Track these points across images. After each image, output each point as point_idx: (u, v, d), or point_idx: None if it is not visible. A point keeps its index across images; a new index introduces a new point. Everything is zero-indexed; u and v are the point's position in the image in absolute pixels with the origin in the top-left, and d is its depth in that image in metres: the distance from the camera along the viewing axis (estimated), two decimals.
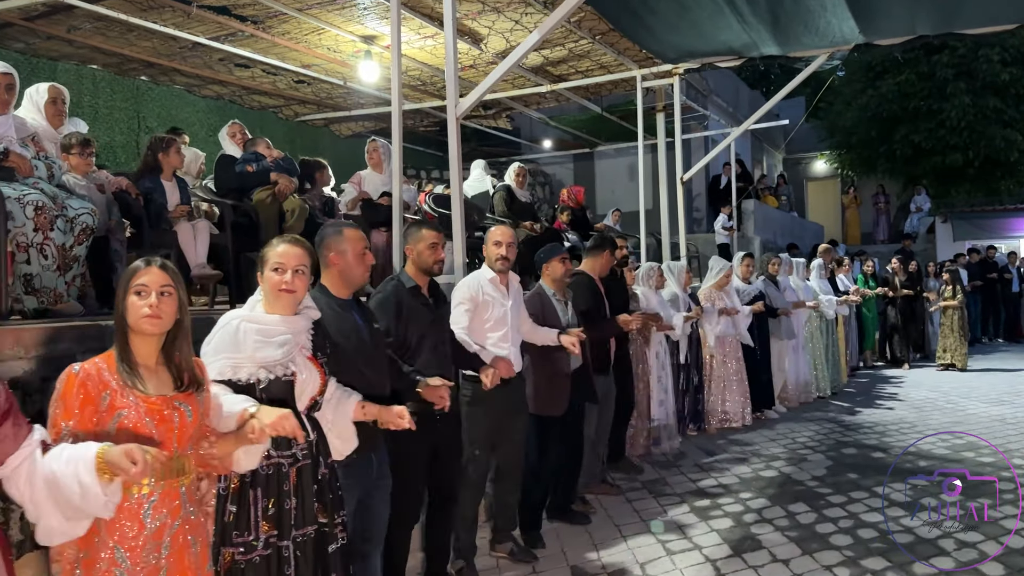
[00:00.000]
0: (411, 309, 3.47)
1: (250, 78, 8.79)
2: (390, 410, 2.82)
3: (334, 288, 3.00)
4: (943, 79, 16.97)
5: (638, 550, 4.40)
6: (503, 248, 4.10)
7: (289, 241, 2.58)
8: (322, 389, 2.61)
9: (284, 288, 2.49)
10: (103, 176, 4.58)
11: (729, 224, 13.34)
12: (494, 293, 4.08)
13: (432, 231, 3.59)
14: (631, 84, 9.00)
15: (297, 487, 2.49)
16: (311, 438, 2.55)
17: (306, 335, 2.60)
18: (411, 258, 3.59)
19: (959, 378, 10.33)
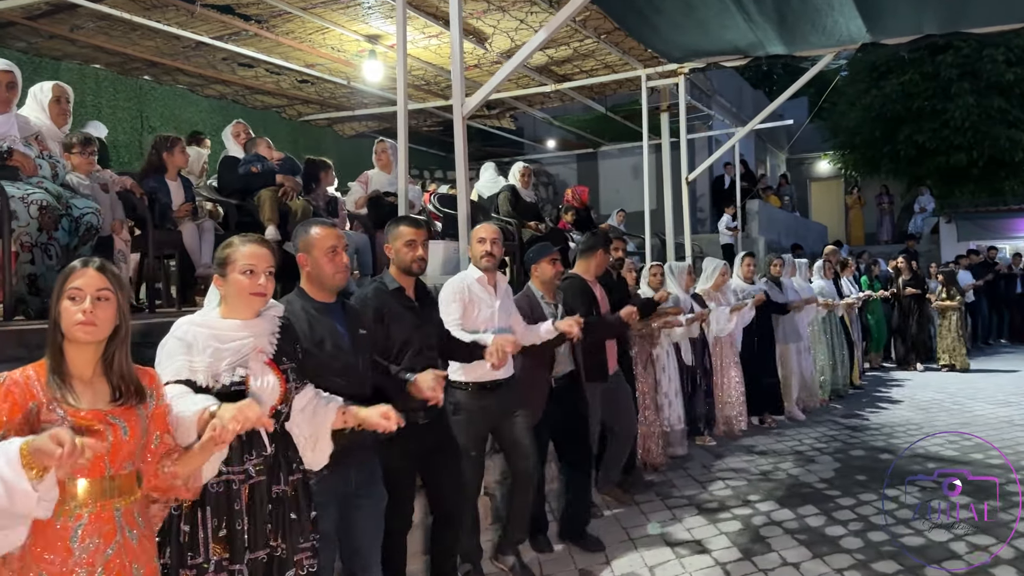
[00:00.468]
0: (393, 312, 3.26)
1: (253, 78, 8.75)
2: (373, 411, 2.55)
3: (311, 290, 2.82)
4: (947, 79, 16.91)
5: (647, 554, 4.36)
6: (487, 244, 3.86)
7: (256, 241, 2.41)
8: (283, 398, 2.37)
9: (257, 292, 2.33)
10: (107, 175, 4.55)
11: (733, 224, 13.30)
12: (481, 294, 3.86)
13: (410, 227, 3.34)
14: (636, 84, 8.94)
15: (249, 507, 2.27)
16: (267, 452, 2.33)
17: (268, 338, 2.39)
18: (391, 257, 3.37)
19: (964, 379, 10.27)
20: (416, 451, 3.29)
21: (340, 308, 2.89)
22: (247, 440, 2.27)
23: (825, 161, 22.44)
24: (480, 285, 3.87)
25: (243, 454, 2.27)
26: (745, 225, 14.14)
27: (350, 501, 2.82)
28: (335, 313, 2.84)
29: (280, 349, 2.42)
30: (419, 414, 3.21)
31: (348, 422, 2.55)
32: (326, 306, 2.81)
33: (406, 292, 3.34)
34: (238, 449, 2.26)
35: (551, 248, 4.48)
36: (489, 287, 3.90)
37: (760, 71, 23.25)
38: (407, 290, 3.35)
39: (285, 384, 2.38)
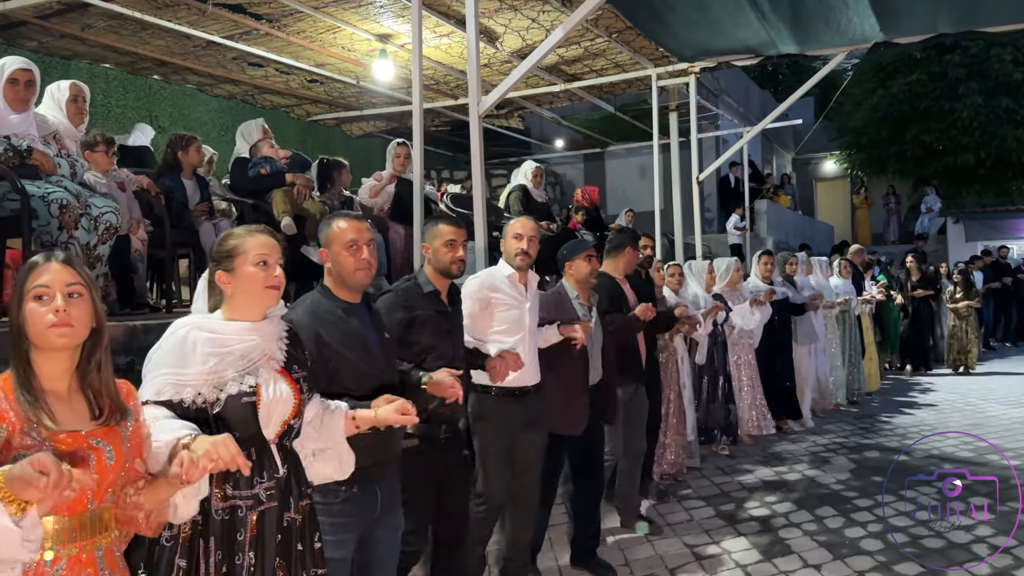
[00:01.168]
0: (424, 315, 3.05)
1: (263, 77, 8.73)
2: (387, 408, 2.31)
3: (335, 289, 2.60)
4: (955, 79, 16.88)
5: (666, 555, 4.33)
6: (524, 242, 3.58)
7: (264, 231, 2.19)
8: (296, 410, 2.13)
9: (273, 284, 2.11)
10: (124, 174, 4.53)
11: (741, 224, 13.28)
12: (511, 292, 3.57)
13: (450, 226, 3.17)
14: (645, 83, 8.92)
15: (256, 538, 2.01)
16: (280, 474, 2.07)
17: (276, 343, 2.15)
18: (427, 257, 3.18)
19: (976, 381, 10.23)
20: (436, 468, 3.09)
21: (366, 309, 2.68)
22: (258, 460, 2.03)
23: (831, 161, 22.39)
24: (511, 283, 3.60)
25: (253, 476, 2.00)
26: (753, 225, 14.11)
27: (372, 526, 2.58)
28: (362, 314, 2.63)
29: (291, 356, 2.18)
30: (440, 428, 3.04)
31: (360, 426, 2.31)
32: (352, 306, 2.60)
33: (440, 296, 3.15)
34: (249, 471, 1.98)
35: (587, 244, 4.17)
36: (520, 285, 3.63)
37: (766, 71, 23.20)
38: (442, 293, 3.16)
39: (299, 395, 2.14)
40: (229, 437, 1.76)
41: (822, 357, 8.21)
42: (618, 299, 4.57)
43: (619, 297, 4.60)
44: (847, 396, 8.71)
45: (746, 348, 7.02)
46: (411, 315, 3.02)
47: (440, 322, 3.11)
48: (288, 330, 2.22)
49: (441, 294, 3.16)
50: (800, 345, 7.78)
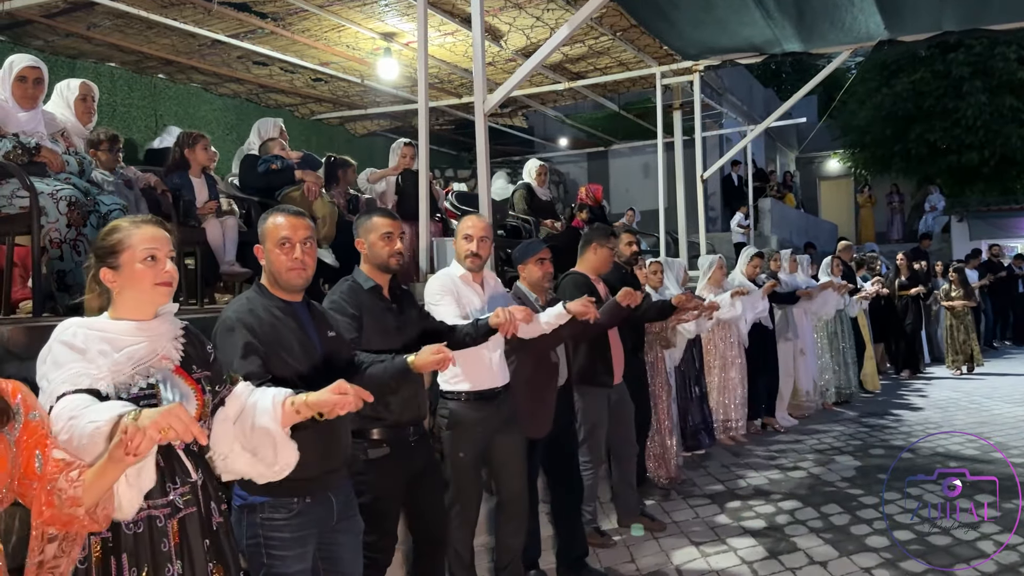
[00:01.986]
0: (371, 313, 2.91)
1: (267, 76, 8.74)
2: (322, 392, 2.05)
3: (270, 286, 2.47)
4: (959, 77, 16.84)
5: (672, 552, 4.34)
6: (474, 243, 3.42)
7: (152, 222, 2.02)
8: (200, 411, 1.97)
9: (164, 281, 1.95)
10: (131, 172, 4.55)
11: (746, 223, 13.27)
12: (468, 293, 3.48)
13: (385, 218, 3.00)
14: (650, 81, 8.92)
15: (181, 546, 1.88)
16: (193, 478, 1.94)
17: (171, 342, 2.00)
18: (363, 253, 3.01)
19: (981, 379, 10.22)
20: (405, 474, 3.00)
21: (306, 308, 2.55)
22: (167, 465, 1.89)
23: (835, 160, 22.37)
24: (464, 283, 3.49)
25: (164, 483, 1.86)
26: (757, 224, 14.11)
27: (331, 534, 2.49)
28: (301, 314, 2.50)
29: (187, 355, 2.03)
30: (408, 430, 2.97)
31: (302, 412, 2.07)
32: (290, 305, 2.47)
33: (383, 291, 3.01)
34: (158, 477, 1.83)
35: (540, 246, 3.95)
36: (475, 285, 3.52)
37: (769, 69, 23.17)
38: (383, 289, 3.02)
39: (202, 395, 1.98)
40: (180, 405, 1.60)
41: (808, 357, 8.08)
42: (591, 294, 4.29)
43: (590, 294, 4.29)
44: (837, 396, 8.61)
45: (735, 346, 6.88)
46: (359, 313, 2.89)
47: (387, 319, 2.97)
48: (184, 328, 2.07)
49: (383, 289, 3.01)
50: (785, 343, 7.71)
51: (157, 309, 1.98)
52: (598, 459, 4.50)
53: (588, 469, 4.39)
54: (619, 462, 4.73)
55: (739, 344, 6.91)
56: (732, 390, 6.86)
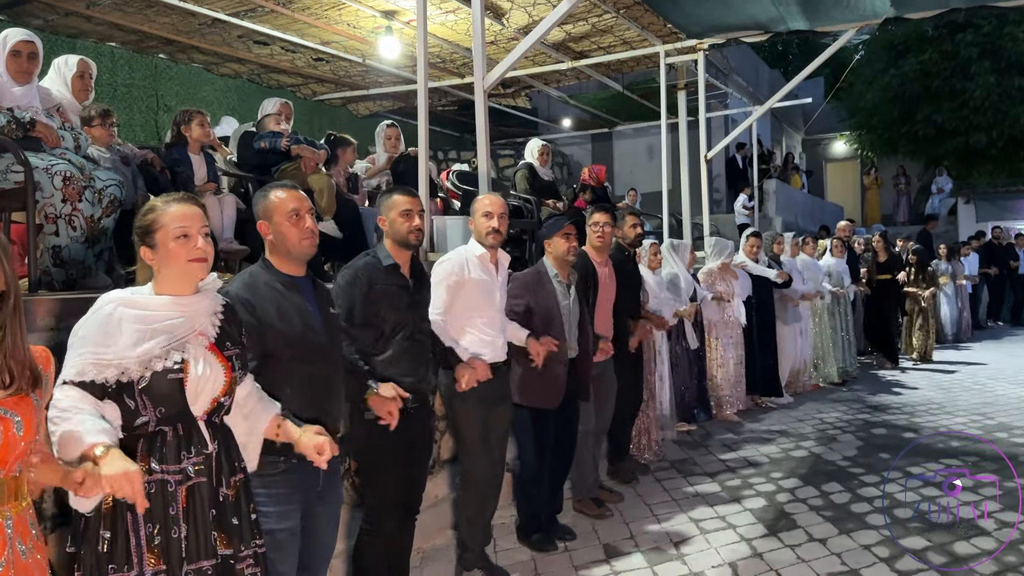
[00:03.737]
0: (386, 290, 2.99)
1: (268, 56, 8.70)
2: (309, 437, 2.25)
3: (276, 262, 2.51)
4: (967, 58, 16.69)
5: (671, 529, 4.33)
6: (495, 220, 3.55)
7: (183, 199, 2.08)
8: (228, 388, 2.08)
9: (197, 257, 2.02)
10: (128, 149, 4.53)
11: (750, 204, 13.21)
12: (482, 272, 3.57)
13: (405, 195, 3.09)
14: (653, 60, 8.86)
15: (188, 512, 1.97)
16: (209, 450, 2.04)
17: (209, 318, 2.09)
18: (385, 230, 3.09)
19: (984, 360, 10.16)
20: (402, 440, 3.01)
21: (310, 283, 2.60)
22: (185, 435, 2.00)
23: (841, 142, 22.25)
24: (481, 263, 3.58)
25: (180, 451, 1.98)
26: (762, 205, 14.04)
27: (314, 500, 2.54)
28: (304, 289, 2.55)
29: (223, 332, 2.12)
30: (408, 400, 2.96)
31: (280, 436, 2.27)
32: (294, 280, 2.52)
33: (401, 269, 3.07)
34: (174, 445, 1.98)
35: (564, 221, 4.10)
36: (491, 266, 3.62)
37: (776, 50, 23.02)
38: (403, 266, 3.08)
39: (231, 372, 2.09)
40: (138, 472, 1.71)
41: (803, 337, 8.15)
42: (583, 280, 4.35)
43: (590, 277, 4.47)
44: (839, 375, 8.64)
45: (734, 325, 7.01)
46: (371, 290, 2.96)
47: (401, 297, 3.04)
48: (225, 305, 2.18)
49: (402, 267, 3.07)
50: (785, 325, 7.79)
51: (198, 284, 2.09)
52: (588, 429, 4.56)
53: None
54: (592, 438, 4.63)
55: (736, 322, 7.01)
56: (729, 367, 6.96)
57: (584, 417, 4.38)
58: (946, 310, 12.03)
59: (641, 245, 5.59)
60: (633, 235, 5.13)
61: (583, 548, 4.12)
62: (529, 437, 3.99)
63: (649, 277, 5.75)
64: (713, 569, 3.79)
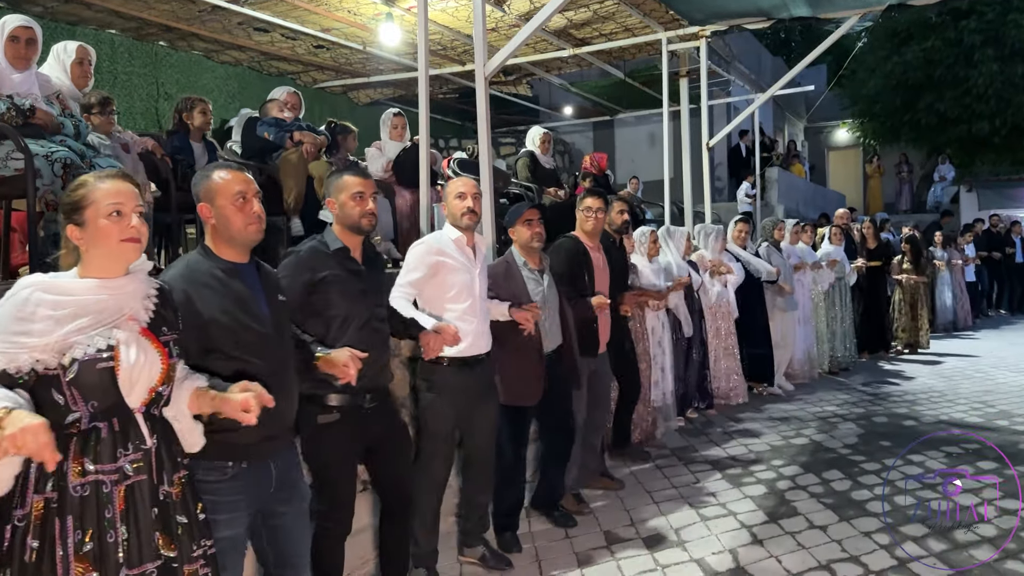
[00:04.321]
0: (333, 277, 2.80)
1: (269, 43, 8.67)
2: (234, 397, 2.06)
3: (218, 247, 2.34)
4: (970, 45, 16.56)
5: (672, 516, 4.35)
6: (469, 200, 3.43)
7: (117, 176, 1.95)
8: (165, 376, 1.94)
9: (130, 237, 1.89)
10: (128, 136, 4.51)
11: (752, 192, 13.18)
12: (459, 257, 3.43)
13: (357, 176, 2.90)
14: (655, 47, 8.82)
15: (127, 513, 1.84)
16: (148, 445, 1.90)
17: (141, 301, 1.95)
18: (334, 213, 2.90)
19: (986, 347, 10.16)
20: (360, 441, 2.89)
21: (254, 270, 2.41)
22: (121, 430, 1.86)
23: (844, 130, 22.18)
24: (457, 247, 3.45)
25: (116, 448, 1.84)
26: (764, 193, 14.01)
27: (271, 502, 2.40)
28: (248, 276, 2.37)
29: (158, 316, 1.98)
30: (363, 397, 2.85)
31: (203, 408, 2.08)
32: (236, 267, 2.34)
33: (351, 253, 2.89)
34: (110, 442, 1.84)
35: (526, 207, 3.95)
36: (467, 249, 3.49)
37: (779, 37, 22.92)
38: (353, 251, 2.90)
39: (168, 359, 1.95)
40: (43, 426, 1.59)
41: (806, 325, 8.02)
42: (578, 266, 4.34)
43: (579, 264, 4.36)
44: (830, 365, 8.49)
45: (726, 316, 6.90)
46: (316, 277, 2.78)
47: (352, 283, 2.86)
48: (159, 288, 2.04)
49: (351, 251, 2.90)
50: (783, 312, 7.58)
51: (129, 267, 1.95)
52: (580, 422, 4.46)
53: None
54: (586, 432, 4.52)
55: (727, 315, 6.90)
56: (724, 358, 6.86)
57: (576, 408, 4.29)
58: (944, 298, 11.93)
59: (627, 231, 5.44)
60: (620, 221, 5.05)
61: (584, 534, 4.13)
62: (508, 435, 3.82)
63: (644, 265, 5.74)
64: (713, 556, 3.81)
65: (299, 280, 2.75)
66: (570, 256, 4.36)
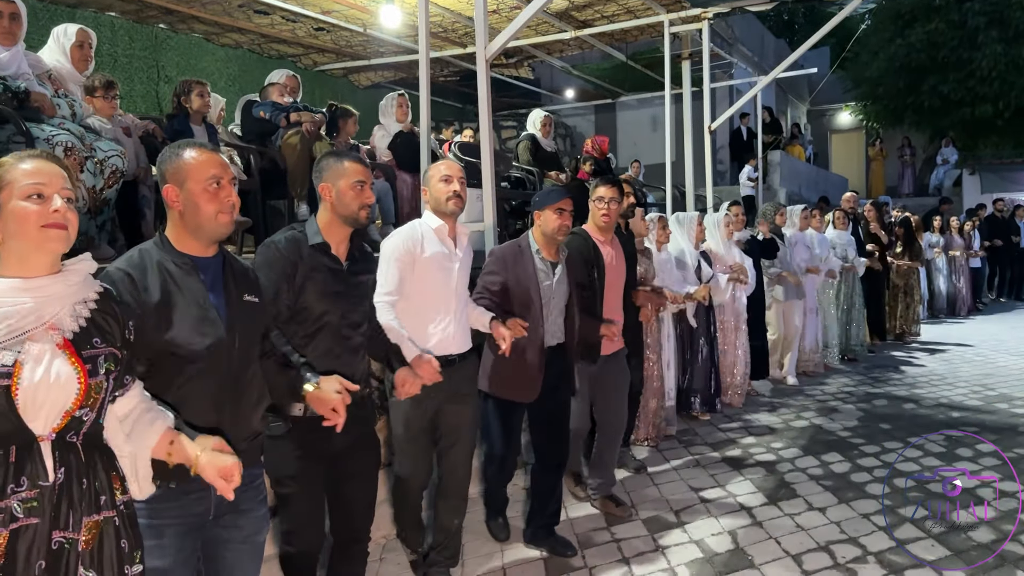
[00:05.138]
0: (311, 273, 2.49)
1: (269, 26, 8.63)
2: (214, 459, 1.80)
3: (178, 238, 2.02)
4: (974, 27, 16.47)
5: (671, 497, 4.38)
6: (455, 183, 3.08)
7: (42, 156, 1.65)
8: (83, 398, 1.59)
9: (54, 223, 1.58)
10: (129, 119, 4.51)
11: (754, 176, 13.15)
12: (439, 247, 3.10)
13: (358, 164, 2.59)
14: (657, 30, 8.78)
15: (7, 565, 1.48)
16: (48, 481, 1.54)
17: (69, 307, 1.62)
18: (327, 200, 2.57)
19: (987, 331, 10.18)
20: (319, 455, 2.57)
21: (219, 265, 2.09)
22: (17, 461, 1.52)
23: (846, 112, 22.09)
24: (438, 237, 3.11)
25: (6, 482, 1.50)
26: (766, 177, 13.97)
27: (212, 531, 2.08)
28: (210, 272, 2.05)
29: (91, 325, 1.65)
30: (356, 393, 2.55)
31: (173, 456, 1.82)
32: (195, 262, 2.02)
33: (331, 249, 2.57)
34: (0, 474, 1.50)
35: (563, 194, 3.55)
36: (449, 240, 3.15)
37: (782, 20, 22.78)
38: (335, 245, 2.58)
39: (88, 378, 1.59)
40: None
41: (813, 315, 7.69)
42: (586, 264, 3.90)
43: (587, 261, 3.91)
44: (840, 354, 8.21)
45: (737, 312, 6.50)
46: (293, 273, 2.47)
47: (330, 282, 2.54)
48: (101, 292, 1.72)
49: (334, 247, 2.58)
50: (786, 302, 7.26)
51: (60, 263, 1.64)
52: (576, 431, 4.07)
53: None
54: (604, 436, 4.23)
55: (738, 313, 6.50)
56: (735, 354, 6.47)
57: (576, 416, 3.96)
58: (937, 284, 11.80)
59: (633, 215, 5.05)
60: (626, 205, 4.68)
61: (584, 515, 4.17)
62: (498, 429, 3.61)
63: (656, 255, 5.33)
64: (713, 537, 3.83)
65: (271, 275, 2.44)
66: (584, 254, 3.89)
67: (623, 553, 3.71)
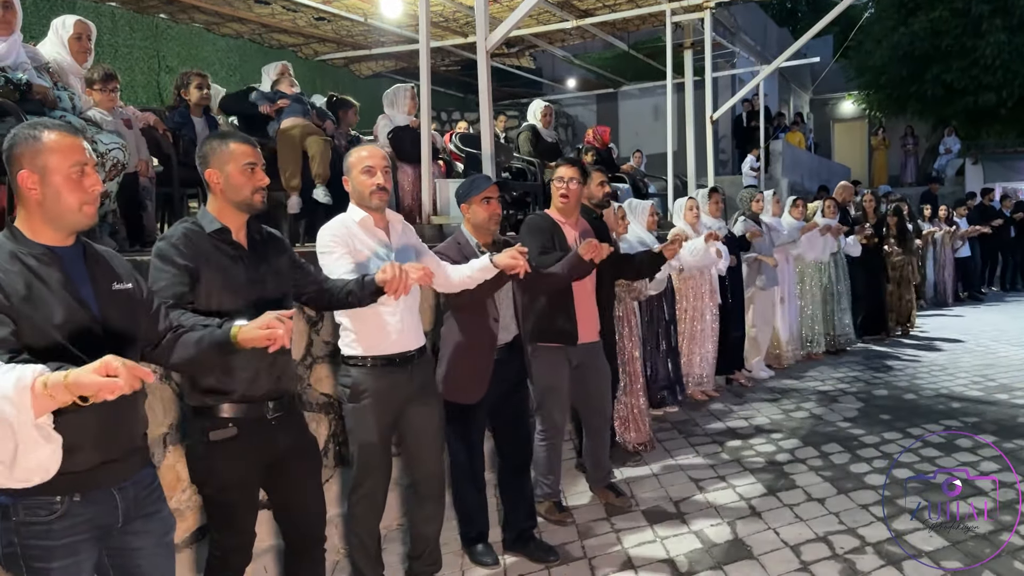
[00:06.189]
0: (212, 263, 2.33)
1: (269, 15, 8.61)
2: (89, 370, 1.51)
3: (32, 228, 1.86)
4: (978, 16, 16.39)
5: (671, 488, 4.40)
6: (378, 175, 2.86)
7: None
8: None
9: None
10: (130, 112, 4.51)
11: (757, 165, 13.13)
12: (370, 240, 2.89)
13: (246, 145, 2.41)
14: (659, 19, 8.75)
15: None
16: None
17: None
18: (216, 186, 2.40)
19: (987, 321, 10.18)
20: (261, 458, 2.45)
21: (79, 254, 1.93)
22: None
23: (849, 101, 22.03)
24: (365, 230, 2.90)
25: None
26: (768, 166, 13.94)
27: (121, 538, 1.97)
28: (70, 262, 1.89)
29: None
30: (267, 406, 2.43)
31: (57, 395, 1.52)
32: (54, 252, 1.86)
33: (231, 235, 2.40)
34: None
35: (486, 183, 3.39)
36: (378, 231, 2.93)
37: (785, 9, 22.69)
38: (235, 232, 2.42)
39: None
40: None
41: (791, 304, 7.48)
42: (550, 237, 3.80)
43: (551, 235, 3.81)
44: (827, 344, 8.04)
45: (706, 296, 6.19)
46: (191, 266, 2.29)
47: (234, 270, 2.37)
48: None
49: (234, 232, 2.42)
50: (760, 291, 6.98)
51: None
52: (554, 427, 3.93)
53: (543, 440, 3.93)
54: (589, 431, 4.21)
55: (711, 295, 6.23)
56: (702, 343, 6.22)
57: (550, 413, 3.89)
58: (927, 272, 11.60)
59: (609, 206, 4.84)
60: (600, 194, 4.50)
61: (584, 508, 4.19)
62: (454, 434, 3.44)
63: (634, 240, 5.26)
64: (712, 528, 3.85)
65: (168, 269, 2.27)
66: (536, 231, 3.79)
67: (622, 543, 3.73)
